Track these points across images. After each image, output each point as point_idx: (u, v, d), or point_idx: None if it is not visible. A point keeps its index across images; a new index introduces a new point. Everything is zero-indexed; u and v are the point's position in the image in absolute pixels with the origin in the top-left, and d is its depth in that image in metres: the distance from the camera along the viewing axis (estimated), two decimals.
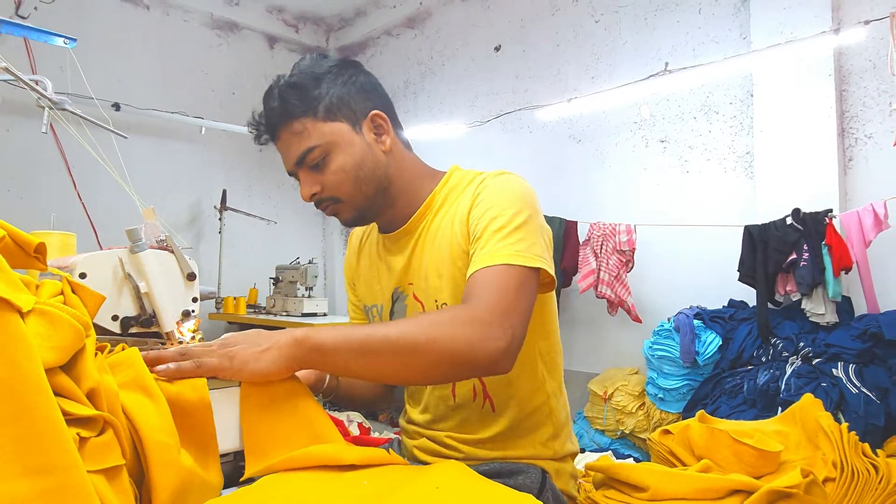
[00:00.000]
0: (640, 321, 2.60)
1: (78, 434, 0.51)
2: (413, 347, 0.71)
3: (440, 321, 0.73)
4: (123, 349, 0.69)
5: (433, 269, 0.92)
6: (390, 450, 0.89)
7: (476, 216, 0.87)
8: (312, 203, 0.94)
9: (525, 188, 0.89)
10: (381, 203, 0.94)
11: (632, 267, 2.61)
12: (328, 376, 1.01)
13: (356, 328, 0.74)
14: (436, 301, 0.92)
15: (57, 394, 0.51)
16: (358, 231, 1.14)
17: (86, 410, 0.53)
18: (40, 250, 0.59)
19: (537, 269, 0.81)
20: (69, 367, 0.55)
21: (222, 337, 0.73)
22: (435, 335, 0.71)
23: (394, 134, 0.94)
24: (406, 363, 0.72)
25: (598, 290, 2.60)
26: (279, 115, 0.89)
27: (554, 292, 0.96)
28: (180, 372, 0.64)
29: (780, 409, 1.87)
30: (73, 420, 0.51)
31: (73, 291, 0.64)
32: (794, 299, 2.18)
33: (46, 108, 1.68)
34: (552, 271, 0.83)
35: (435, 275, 0.92)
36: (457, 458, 0.90)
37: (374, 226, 1.07)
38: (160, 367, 0.64)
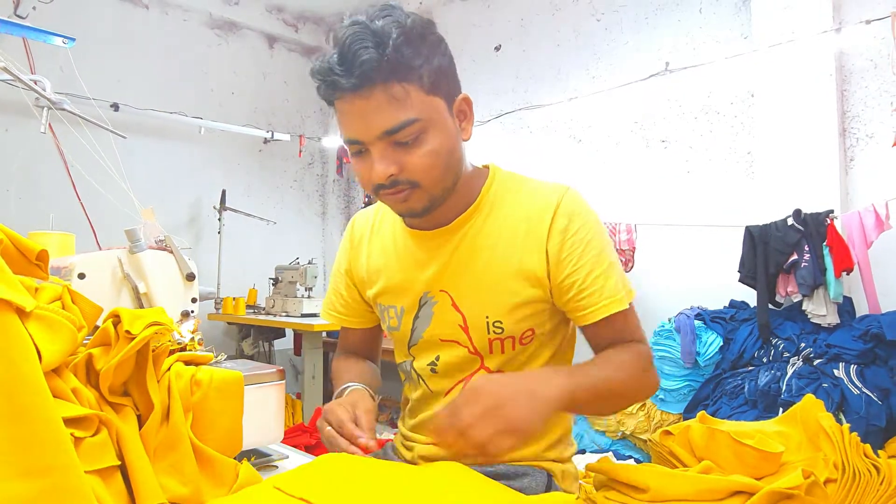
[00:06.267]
0: None
1: (72, 434, 0.51)
2: (626, 393, 0.85)
3: (640, 365, 0.85)
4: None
5: (484, 281, 0.86)
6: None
7: (577, 246, 0.85)
8: (373, 188, 0.80)
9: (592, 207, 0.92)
10: (447, 196, 0.83)
11: (631, 267, 2.60)
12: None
13: (598, 376, 0.80)
14: (486, 318, 0.87)
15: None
16: (364, 219, 1.02)
17: (79, 410, 0.53)
18: (42, 258, 0.58)
19: None
20: (59, 368, 0.54)
21: (470, 389, 0.68)
22: (639, 382, 0.85)
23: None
24: (616, 405, 0.90)
25: None
26: (378, 73, 0.72)
27: None
28: (487, 460, 0.66)
29: (781, 409, 1.86)
30: (67, 420, 0.51)
31: (73, 301, 0.64)
32: (795, 300, 2.18)
33: (45, 108, 1.67)
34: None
35: (485, 288, 0.86)
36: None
37: (385, 216, 0.98)
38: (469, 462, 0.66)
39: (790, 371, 1.98)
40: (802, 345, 2.05)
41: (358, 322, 1.05)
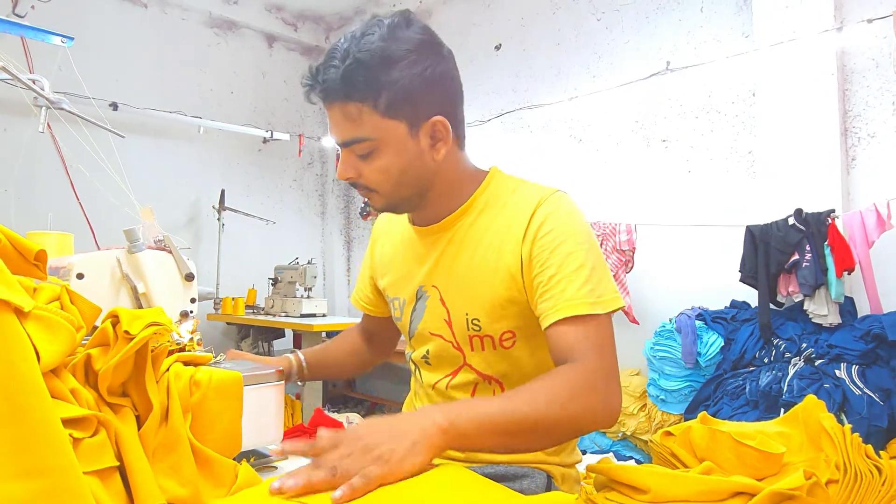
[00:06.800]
0: (638, 323, 2.59)
1: (70, 435, 0.51)
2: (548, 426, 0.74)
3: (564, 393, 0.74)
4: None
5: (466, 278, 0.89)
6: None
7: (546, 248, 0.83)
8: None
9: (581, 212, 0.88)
10: (416, 203, 0.90)
11: (631, 267, 2.60)
12: (299, 364, 1.05)
13: (490, 407, 0.72)
14: (466, 315, 0.89)
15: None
16: (385, 214, 1.08)
17: (78, 410, 0.53)
18: (40, 258, 0.58)
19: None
20: (57, 368, 0.54)
21: (346, 432, 0.65)
22: (564, 412, 0.74)
23: (451, 142, 0.87)
24: (540, 440, 0.76)
25: None
26: (337, 91, 0.80)
27: None
28: (355, 494, 0.58)
29: (782, 410, 1.86)
30: (65, 421, 0.51)
31: (72, 301, 0.64)
32: (797, 300, 2.18)
33: (44, 108, 1.67)
34: (623, 302, 0.85)
35: (467, 285, 0.89)
36: (459, 461, 0.89)
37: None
38: (336, 496, 0.56)
39: (791, 371, 1.97)
40: (804, 345, 2.04)
41: (374, 311, 1.14)
